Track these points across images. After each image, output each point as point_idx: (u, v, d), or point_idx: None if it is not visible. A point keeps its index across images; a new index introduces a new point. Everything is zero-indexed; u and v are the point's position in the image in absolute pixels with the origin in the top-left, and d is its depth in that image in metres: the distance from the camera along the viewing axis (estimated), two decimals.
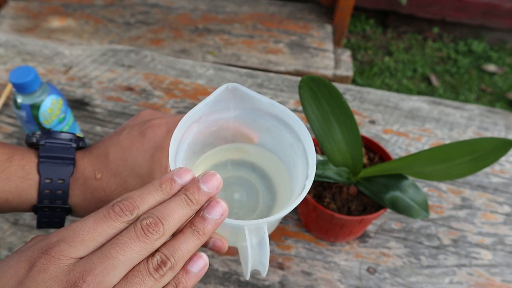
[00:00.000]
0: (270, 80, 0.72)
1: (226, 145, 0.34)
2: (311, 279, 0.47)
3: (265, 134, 0.31)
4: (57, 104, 0.47)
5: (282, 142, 0.30)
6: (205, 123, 0.30)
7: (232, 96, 0.28)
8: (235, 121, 0.31)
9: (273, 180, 0.34)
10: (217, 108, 0.29)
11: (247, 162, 0.35)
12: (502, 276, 0.48)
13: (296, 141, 0.29)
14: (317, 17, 1.38)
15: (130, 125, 0.33)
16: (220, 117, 0.30)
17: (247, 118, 0.30)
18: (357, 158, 0.43)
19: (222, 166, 0.35)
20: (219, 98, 0.28)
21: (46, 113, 0.46)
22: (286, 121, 0.29)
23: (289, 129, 0.29)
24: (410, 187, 0.43)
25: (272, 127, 0.30)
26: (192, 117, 0.28)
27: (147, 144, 0.30)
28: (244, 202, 0.33)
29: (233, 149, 0.34)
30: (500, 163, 0.61)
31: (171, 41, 1.25)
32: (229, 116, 0.30)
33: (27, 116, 0.45)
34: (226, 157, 0.35)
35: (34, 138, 0.30)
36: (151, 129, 0.31)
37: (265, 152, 0.33)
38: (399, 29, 1.93)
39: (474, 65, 1.79)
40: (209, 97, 0.27)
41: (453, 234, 0.52)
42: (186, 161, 0.30)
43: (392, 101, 0.70)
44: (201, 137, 0.31)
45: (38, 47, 0.77)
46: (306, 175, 0.26)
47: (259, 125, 0.30)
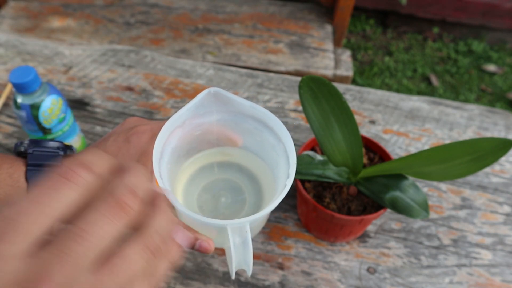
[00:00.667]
0: (270, 80, 0.72)
1: (212, 149, 0.34)
2: (311, 279, 0.47)
3: (248, 137, 0.32)
4: (57, 104, 0.47)
5: (264, 144, 0.31)
6: (189, 127, 0.30)
7: (214, 100, 0.29)
8: (218, 124, 0.31)
9: (259, 181, 0.34)
10: (200, 113, 0.29)
11: (234, 163, 0.35)
12: (502, 276, 0.48)
13: (277, 142, 0.29)
14: (317, 17, 1.38)
15: (116, 132, 0.33)
16: (203, 121, 0.30)
17: (229, 121, 0.31)
18: (357, 158, 0.43)
19: (209, 168, 0.35)
20: (202, 103, 0.28)
21: (46, 113, 0.46)
22: (267, 123, 0.29)
23: (271, 131, 0.29)
24: (410, 187, 0.43)
25: (254, 129, 0.30)
26: (175, 122, 0.28)
27: (132, 150, 0.31)
28: (230, 203, 0.33)
29: (219, 153, 0.35)
30: (500, 163, 0.61)
31: (171, 41, 1.25)
32: (212, 120, 0.30)
33: (27, 116, 0.45)
34: (212, 160, 0.35)
35: (22, 147, 0.31)
36: (136, 135, 0.31)
37: (249, 154, 0.34)
38: (399, 29, 1.93)
39: (474, 65, 1.79)
40: (192, 102, 0.28)
41: (453, 234, 0.52)
42: (171, 165, 0.30)
43: (392, 101, 0.70)
44: (186, 141, 0.31)
45: (38, 47, 0.77)
46: (287, 174, 0.27)
47: (241, 128, 0.31)
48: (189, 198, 0.34)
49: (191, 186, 0.34)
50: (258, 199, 0.33)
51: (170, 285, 0.45)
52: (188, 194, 0.34)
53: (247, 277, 0.47)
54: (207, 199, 0.33)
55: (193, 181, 0.35)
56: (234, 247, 0.26)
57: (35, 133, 0.48)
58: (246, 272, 0.28)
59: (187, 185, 0.35)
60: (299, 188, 0.45)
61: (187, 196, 0.34)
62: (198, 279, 0.46)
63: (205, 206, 0.33)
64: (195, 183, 0.34)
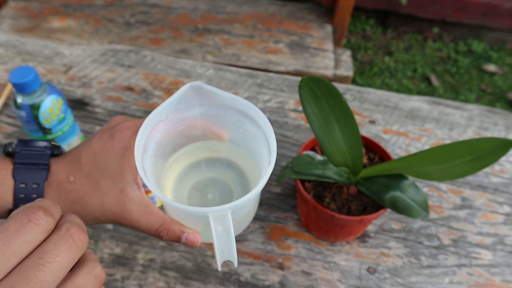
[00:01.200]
0: (270, 80, 0.72)
1: (198, 142, 0.34)
2: (311, 279, 0.47)
3: (233, 130, 0.32)
4: (57, 104, 0.47)
5: (247, 135, 0.31)
6: (172, 122, 0.30)
7: (196, 94, 0.29)
8: (202, 118, 0.32)
9: (247, 175, 0.34)
10: (183, 107, 0.30)
11: (222, 159, 0.35)
12: (502, 276, 0.48)
13: (259, 132, 0.29)
14: (317, 17, 1.38)
15: (101, 130, 0.34)
16: (187, 116, 0.31)
17: (213, 114, 0.31)
18: (357, 158, 0.43)
19: (197, 166, 0.35)
20: (184, 97, 0.29)
21: (46, 113, 0.46)
22: (248, 113, 0.29)
23: (252, 121, 0.30)
24: (410, 187, 0.43)
25: (237, 121, 0.30)
26: (157, 116, 0.29)
27: (116, 145, 0.31)
28: (217, 202, 0.33)
29: (206, 147, 0.35)
30: (500, 163, 0.61)
31: (171, 41, 1.25)
32: (195, 113, 0.31)
33: (27, 116, 0.45)
34: (200, 157, 0.35)
35: (10, 148, 0.32)
36: (119, 132, 0.32)
37: (236, 148, 0.34)
38: (399, 29, 1.93)
39: (474, 65, 1.79)
40: (173, 96, 0.28)
41: (453, 234, 0.52)
42: (155, 159, 0.31)
43: (392, 101, 0.70)
44: (170, 136, 0.32)
45: (38, 47, 0.77)
46: (269, 161, 0.26)
47: (225, 120, 0.31)
48: (180, 195, 0.34)
49: (180, 186, 0.35)
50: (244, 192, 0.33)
51: (170, 285, 0.45)
52: (179, 192, 0.35)
53: (247, 277, 0.47)
54: (195, 197, 0.34)
55: (183, 180, 0.35)
56: (216, 236, 0.26)
57: (35, 133, 0.48)
58: (233, 263, 0.27)
59: (177, 183, 0.35)
60: (299, 188, 0.45)
61: (178, 194, 0.34)
62: (198, 279, 0.46)
63: (195, 204, 0.34)
64: (184, 182, 0.35)
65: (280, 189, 0.55)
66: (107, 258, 0.47)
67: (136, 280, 0.45)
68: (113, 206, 0.30)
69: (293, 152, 0.60)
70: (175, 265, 0.47)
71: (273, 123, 0.64)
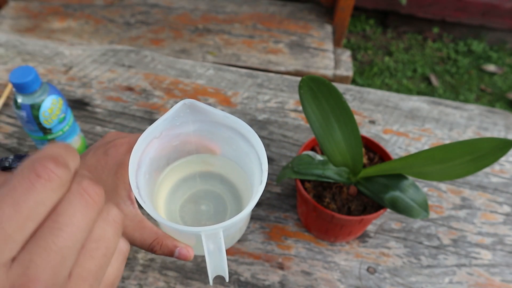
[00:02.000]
0: (270, 80, 0.72)
1: (192, 156, 0.35)
2: (311, 279, 0.47)
3: (225, 145, 0.33)
4: (57, 104, 0.47)
5: (239, 152, 0.32)
6: (167, 138, 0.31)
7: (190, 111, 0.30)
8: (195, 134, 0.32)
9: (239, 189, 0.35)
10: (177, 123, 0.31)
11: (215, 174, 0.36)
12: (502, 276, 0.48)
13: (250, 149, 0.30)
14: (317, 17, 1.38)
15: (95, 146, 0.34)
16: (180, 132, 0.31)
17: (206, 131, 0.32)
18: (357, 158, 0.43)
19: (191, 179, 0.36)
20: (178, 114, 0.29)
21: (46, 113, 0.46)
22: (240, 131, 0.30)
23: (244, 139, 0.30)
24: (410, 187, 0.43)
25: (229, 138, 0.31)
26: (151, 133, 0.29)
27: (110, 162, 0.31)
28: (212, 214, 0.34)
29: (200, 161, 0.35)
30: (500, 163, 0.61)
31: (171, 41, 1.25)
32: (189, 130, 0.32)
33: (27, 116, 0.46)
34: (195, 170, 0.36)
35: (7, 162, 0.31)
36: (113, 148, 0.32)
37: (229, 162, 0.34)
38: (399, 29, 1.93)
39: (474, 65, 1.80)
40: (168, 113, 0.29)
41: (453, 234, 0.52)
42: (149, 175, 0.31)
43: (392, 101, 0.70)
44: (164, 152, 0.32)
45: (38, 47, 0.77)
46: (260, 180, 0.27)
47: (218, 136, 0.32)
48: (172, 208, 0.35)
49: (174, 197, 0.35)
50: (238, 208, 0.34)
51: (170, 285, 0.45)
52: (171, 204, 0.35)
53: (247, 277, 0.47)
54: (189, 209, 0.35)
55: (175, 192, 0.35)
56: (208, 254, 0.27)
57: (35, 133, 0.48)
58: (225, 278, 0.28)
59: (169, 196, 0.35)
60: (299, 188, 0.45)
61: (170, 206, 0.35)
62: (198, 279, 0.46)
63: (187, 216, 0.34)
64: (177, 194, 0.35)
65: (280, 189, 0.55)
66: None
67: (136, 280, 0.46)
68: None
69: (293, 152, 0.60)
70: (175, 265, 0.47)
71: (273, 123, 0.64)
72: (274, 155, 0.60)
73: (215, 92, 0.69)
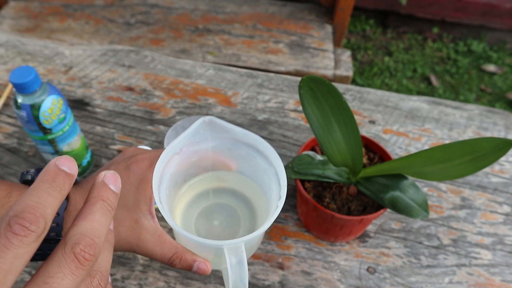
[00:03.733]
0: (270, 80, 0.72)
1: (207, 173, 0.36)
2: (311, 279, 0.47)
3: (242, 162, 0.34)
4: (58, 104, 0.47)
5: (257, 168, 0.32)
6: (186, 154, 0.32)
7: (209, 128, 0.31)
8: (213, 151, 0.33)
9: (253, 204, 0.36)
10: (196, 140, 0.31)
11: (228, 189, 0.37)
12: (502, 276, 0.48)
13: (269, 166, 0.31)
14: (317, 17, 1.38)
15: (116, 161, 0.35)
16: (199, 148, 0.32)
17: (224, 148, 0.32)
18: (357, 158, 0.43)
19: (205, 194, 0.37)
20: (198, 131, 0.30)
21: (46, 113, 0.46)
22: (259, 148, 0.31)
23: (262, 156, 0.31)
24: (410, 187, 0.43)
25: (247, 154, 0.32)
26: (173, 150, 0.30)
27: (132, 177, 0.32)
28: (225, 226, 0.35)
29: (214, 178, 0.36)
30: (500, 163, 0.61)
31: (171, 41, 1.25)
32: (207, 146, 0.32)
33: (28, 116, 0.46)
34: (208, 186, 0.37)
35: (29, 176, 0.32)
36: (135, 164, 0.33)
37: (243, 179, 0.35)
38: (399, 29, 1.93)
39: (473, 65, 1.80)
40: (188, 130, 0.30)
41: (453, 234, 0.52)
42: (169, 190, 0.32)
43: (392, 101, 0.70)
44: (183, 168, 0.33)
45: (38, 47, 0.77)
46: (279, 196, 0.28)
47: (235, 153, 0.33)
48: (188, 222, 0.36)
49: (189, 212, 0.36)
50: (252, 221, 0.35)
51: (170, 285, 0.46)
52: (187, 218, 0.36)
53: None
54: (203, 223, 0.36)
55: (191, 207, 0.37)
56: (230, 267, 0.27)
57: (36, 133, 0.48)
58: None
59: (185, 210, 0.36)
60: (299, 188, 0.45)
61: (186, 220, 0.36)
62: (198, 279, 0.46)
63: (202, 230, 0.35)
64: (192, 209, 0.37)
65: None
66: None
67: (137, 280, 0.46)
68: (128, 235, 0.31)
69: (293, 152, 0.60)
70: None
71: (273, 123, 0.64)
72: None
73: (215, 92, 0.69)
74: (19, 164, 0.57)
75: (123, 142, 0.60)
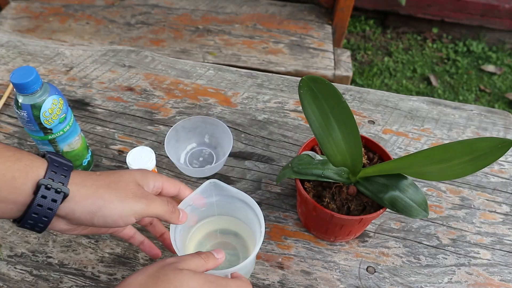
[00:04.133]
0: (270, 80, 0.72)
1: (213, 217, 0.48)
2: (311, 279, 0.47)
3: (238, 211, 0.45)
4: (58, 104, 0.47)
5: (248, 217, 0.44)
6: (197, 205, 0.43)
7: (213, 188, 0.42)
8: (217, 203, 0.45)
9: (248, 243, 0.47)
10: (204, 196, 0.43)
11: (231, 230, 0.49)
12: (501, 276, 0.48)
13: (254, 216, 0.42)
14: (317, 17, 1.38)
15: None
16: (207, 201, 0.44)
17: (224, 201, 0.44)
18: (357, 158, 0.43)
19: (213, 234, 0.49)
20: (205, 189, 0.42)
21: (47, 113, 0.46)
22: (248, 203, 0.42)
23: (250, 208, 0.42)
24: (409, 186, 0.43)
25: (240, 206, 0.43)
26: (187, 202, 0.41)
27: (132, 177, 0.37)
28: (228, 259, 0.46)
29: (220, 219, 0.48)
30: (499, 163, 0.61)
31: (172, 42, 1.25)
32: (212, 200, 0.44)
33: (28, 116, 0.46)
34: (216, 227, 0.49)
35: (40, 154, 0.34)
36: None
37: (241, 223, 0.47)
38: (399, 30, 1.94)
39: (473, 65, 1.80)
40: (198, 189, 0.41)
41: (452, 233, 0.52)
42: (183, 231, 0.44)
43: (391, 101, 0.70)
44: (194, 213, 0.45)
45: (39, 47, 0.77)
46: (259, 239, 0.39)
47: (233, 205, 0.44)
48: None
49: (200, 247, 0.47)
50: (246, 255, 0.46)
51: None
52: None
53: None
54: None
55: (202, 244, 0.48)
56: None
57: (36, 133, 0.48)
58: None
59: (197, 246, 0.47)
60: (299, 188, 0.46)
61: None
62: None
63: None
64: (203, 245, 0.47)
65: (280, 189, 0.56)
66: (108, 258, 0.48)
67: None
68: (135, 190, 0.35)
69: (293, 152, 0.60)
70: None
71: (273, 123, 0.64)
72: (274, 155, 0.60)
73: (215, 92, 0.69)
74: None
75: (123, 142, 0.60)
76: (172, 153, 0.55)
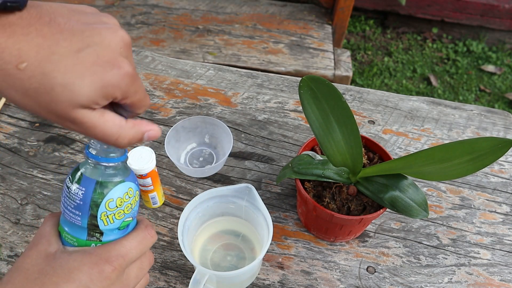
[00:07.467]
0: (270, 80, 0.72)
1: (219, 217, 0.49)
2: (311, 279, 0.47)
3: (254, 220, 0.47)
4: (133, 198, 0.29)
5: (255, 219, 0.46)
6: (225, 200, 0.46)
7: (248, 193, 0.44)
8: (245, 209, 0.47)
9: (255, 245, 0.48)
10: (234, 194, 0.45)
11: (238, 232, 0.50)
12: (501, 276, 0.48)
13: (264, 220, 0.43)
14: (317, 17, 1.38)
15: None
16: (236, 203, 0.46)
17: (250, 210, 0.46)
18: (357, 158, 0.43)
19: (219, 235, 0.49)
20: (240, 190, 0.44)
21: (113, 203, 0.28)
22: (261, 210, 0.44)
23: (262, 215, 0.44)
24: (409, 186, 0.43)
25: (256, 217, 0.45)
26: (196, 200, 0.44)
27: None
28: (234, 260, 0.47)
29: (225, 221, 0.49)
30: (499, 163, 0.61)
31: (172, 42, 1.25)
32: (242, 204, 0.46)
33: (83, 199, 0.28)
34: (221, 228, 0.50)
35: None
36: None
37: (247, 224, 0.49)
38: (399, 30, 1.94)
39: (473, 65, 1.80)
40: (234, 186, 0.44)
41: (452, 233, 0.52)
42: (192, 228, 0.46)
43: (391, 101, 0.70)
44: (201, 214, 0.47)
45: None
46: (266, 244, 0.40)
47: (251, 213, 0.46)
48: (205, 256, 0.47)
49: (206, 248, 0.48)
50: (253, 257, 0.47)
51: (170, 284, 0.46)
52: (205, 253, 0.48)
53: None
54: (217, 259, 0.47)
55: (207, 245, 0.48)
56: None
57: (75, 229, 0.29)
58: None
59: (203, 247, 0.48)
60: (299, 188, 0.46)
61: (204, 255, 0.48)
62: None
63: (216, 262, 0.47)
64: (208, 247, 0.48)
65: (280, 189, 0.56)
66: None
67: None
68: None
69: (293, 152, 0.60)
70: (175, 265, 0.47)
71: (273, 123, 0.64)
72: (274, 155, 0.60)
73: (215, 92, 0.69)
74: (19, 164, 0.57)
75: None
76: (172, 153, 0.55)
